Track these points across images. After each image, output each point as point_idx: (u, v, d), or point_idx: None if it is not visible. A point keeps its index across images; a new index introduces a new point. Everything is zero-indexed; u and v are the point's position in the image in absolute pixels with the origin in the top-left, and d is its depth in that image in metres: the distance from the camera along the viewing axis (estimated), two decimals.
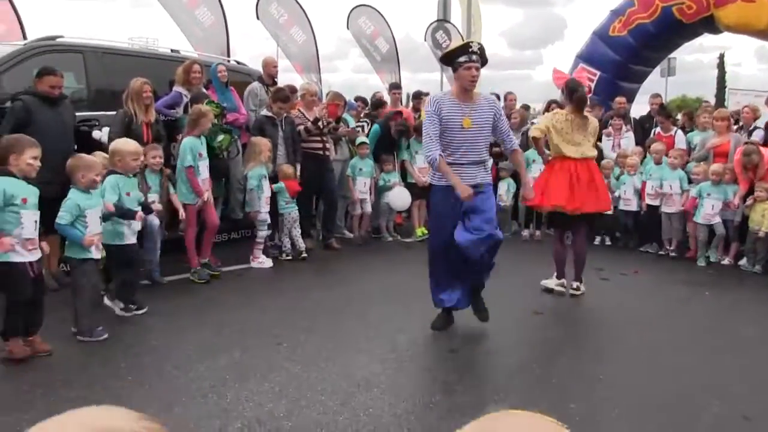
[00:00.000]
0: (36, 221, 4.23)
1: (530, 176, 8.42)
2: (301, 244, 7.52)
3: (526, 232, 9.16)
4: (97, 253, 4.63)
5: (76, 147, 6.33)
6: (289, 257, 7.40)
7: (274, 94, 7.60)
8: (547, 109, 9.86)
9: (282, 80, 8.89)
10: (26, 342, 4.31)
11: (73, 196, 4.56)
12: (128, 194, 5.12)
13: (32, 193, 4.22)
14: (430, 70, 45.50)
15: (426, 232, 8.73)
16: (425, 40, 17.07)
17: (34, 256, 4.25)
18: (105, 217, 4.86)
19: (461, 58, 4.65)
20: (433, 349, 4.76)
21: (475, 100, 4.77)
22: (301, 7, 13.61)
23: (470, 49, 4.66)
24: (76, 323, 4.58)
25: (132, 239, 5.26)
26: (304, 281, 6.60)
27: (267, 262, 7.08)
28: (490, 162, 4.95)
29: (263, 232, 7.10)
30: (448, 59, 4.80)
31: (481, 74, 4.76)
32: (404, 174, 8.96)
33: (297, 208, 7.50)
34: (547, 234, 8.43)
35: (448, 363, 4.50)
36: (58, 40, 6.96)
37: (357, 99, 9.70)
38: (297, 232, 7.51)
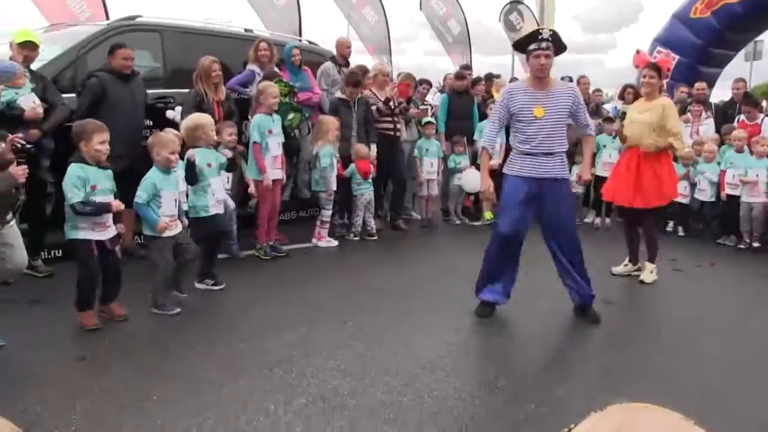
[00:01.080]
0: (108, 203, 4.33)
1: (600, 160, 8.33)
2: (372, 225, 7.52)
3: (597, 220, 8.91)
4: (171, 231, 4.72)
5: (152, 123, 6.52)
6: (357, 237, 7.41)
7: (346, 77, 7.60)
8: (622, 94, 9.54)
9: (354, 62, 8.88)
10: (103, 308, 4.47)
11: (152, 175, 4.65)
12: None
13: (103, 178, 4.31)
14: (502, 53, 44.72)
15: (493, 216, 8.68)
16: (499, 21, 16.77)
17: (104, 234, 4.35)
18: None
19: (531, 46, 4.55)
20: (500, 334, 4.69)
21: (550, 88, 4.63)
22: (457, 1, 13.59)
23: (540, 36, 4.54)
24: (153, 295, 4.69)
25: (216, 209, 5.30)
26: (371, 261, 6.61)
27: (332, 242, 7.12)
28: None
29: (327, 212, 7.11)
30: (520, 46, 4.71)
31: (553, 59, 4.64)
32: (475, 155, 8.84)
33: (372, 189, 7.48)
34: (619, 222, 8.19)
35: (515, 347, 4.42)
36: (137, 19, 7.14)
37: (422, 81, 9.60)
38: (370, 214, 7.51)
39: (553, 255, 4.85)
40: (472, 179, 8.40)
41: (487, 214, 8.73)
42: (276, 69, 7.21)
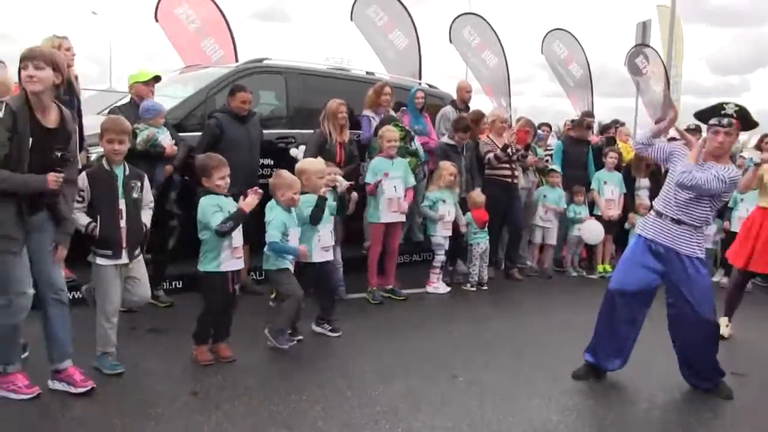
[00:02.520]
0: (239, 230, 4.47)
1: (736, 215, 7.80)
2: (485, 275, 7.35)
3: (724, 280, 8.28)
4: (291, 265, 4.79)
5: (273, 162, 6.69)
6: (474, 288, 7.24)
7: (455, 123, 7.55)
8: (759, 144, 8.92)
9: (472, 103, 8.84)
10: (212, 348, 4.54)
11: (279, 215, 4.72)
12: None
13: (232, 205, 4.46)
14: (623, 95, 43.62)
15: (609, 269, 8.34)
16: (624, 65, 16.27)
17: (239, 264, 4.51)
18: None
19: (712, 120, 4.17)
20: (619, 400, 4.38)
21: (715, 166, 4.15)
22: (494, 31, 13.54)
23: (723, 111, 4.13)
24: (272, 324, 4.75)
25: (321, 257, 5.22)
26: (483, 311, 6.42)
27: (442, 288, 6.99)
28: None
29: (439, 257, 7.01)
30: (701, 116, 4.29)
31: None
32: (591, 205, 8.52)
33: (488, 238, 7.33)
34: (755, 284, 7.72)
35: (638, 416, 4.11)
36: (264, 62, 7.43)
37: (541, 125, 9.39)
38: (485, 263, 7.35)
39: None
40: (593, 230, 8.09)
41: (601, 267, 8.41)
42: (392, 113, 7.24)
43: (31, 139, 3.43)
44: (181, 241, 6.03)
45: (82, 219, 4.00)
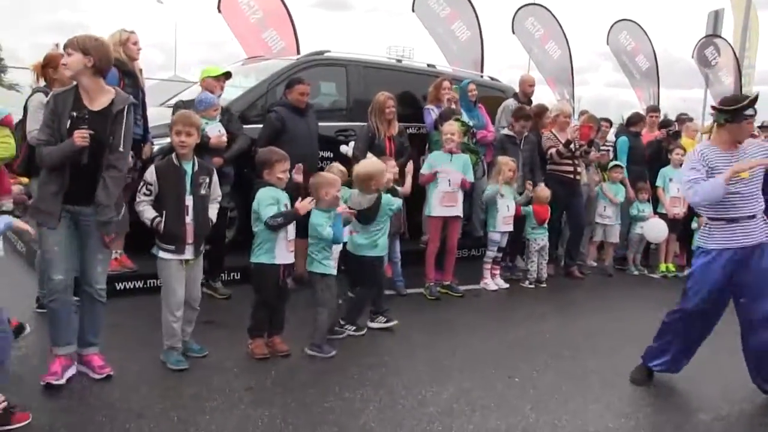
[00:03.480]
0: (294, 223, 4.46)
1: None
2: (544, 273, 7.22)
3: None
4: (334, 270, 4.72)
5: (332, 155, 6.69)
6: (532, 285, 7.12)
7: (515, 112, 7.42)
8: None
9: (534, 95, 8.67)
10: (268, 342, 4.56)
11: (315, 220, 4.58)
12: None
13: (290, 200, 4.47)
14: (689, 86, 42.03)
15: (672, 268, 8.16)
16: (692, 57, 15.71)
17: (291, 258, 4.52)
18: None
19: (749, 111, 4.09)
20: (679, 408, 4.22)
21: (740, 149, 4.17)
22: (558, 22, 13.24)
23: (755, 103, 4.14)
24: (313, 335, 4.68)
25: (374, 252, 5.22)
26: (541, 310, 6.29)
27: (491, 284, 6.89)
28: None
29: (491, 253, 6.91)
30: (736, 109, 4.13)
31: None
32: (655, 202, 8.27)
33: (547, 234, 7.20)
34: None
35: (700, 428, 3.95)
36: (325, 54, 7.44)
37: (602, 119, 9.13)
38: (544, 260, 7.21)
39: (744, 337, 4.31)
40: (656, 228, 7.84)
41: (663, 266, 8.20)
42: (453, 107, 7.14)
43: (69, 121, 3.60)
44: (240, 233, 6.12)
45: (149, 212, 4.07)
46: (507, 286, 6.95)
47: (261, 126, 6.33)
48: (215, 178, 4.37)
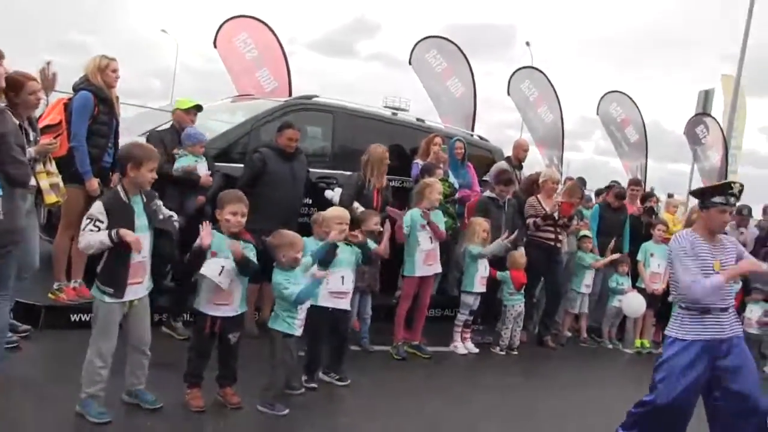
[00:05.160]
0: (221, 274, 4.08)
1: None
2: (517, 339, 7.03)
3: None
4: (299, 330, 4.47)
5: (311, 201, 6.56)
6: (503, 352, 6.91)
7: (497, 175, 7.38)
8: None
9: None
10: (219, 392, 4.32)
11: (275, 279, 4.37)
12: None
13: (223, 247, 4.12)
14: (678, 160, 42.50)
15: (647, 344, 8.04)
16: (684, 133, 15.89)
17: (219, 311, 4.15)
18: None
19: (717, 198, 4.02)
20: None
21: (718, 241, 4.12)
22: (553, 87, 13.33)
23: (730, 191, 4.03)
24: (263, 391, 4.41)
25: (344, 305, 5.11)
26: (511, 380, 6.11)
27: (461, 348, 6.66)
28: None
29: (462, 316, 6.71)
30: (702, 194, 4.18)
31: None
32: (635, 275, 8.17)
33: (524, 300, 7.04)
34: None
35: None
36: (313, 99, 7.38)
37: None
38: (518, 326, 7.02)
39: None
40: (634, 304, 7.71)
41: (638, 342, 8.05)
42: (438, 164, 7.06)
43: None
44: None
45: (100, 235, 3.69)
46: (477, 351, 6.73)
47: (241, 165, 6.22)
48: (158, 200, 4.11)
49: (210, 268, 4.05)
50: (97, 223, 3.71)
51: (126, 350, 3.96)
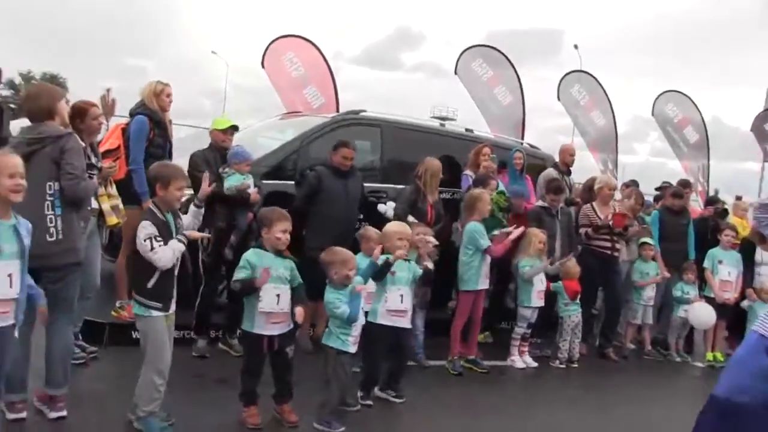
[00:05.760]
0: (278, 295, 4.10)
1: None
2: (576, 352, 6.84)
3: None
4: (354, 348, 4.42)
5: (362, 216, 6.52)
6: (563, 365, 6.72)
7: (546, 184, 7.25)
8: None
9: (577, 161, 8.49)
10: (276, 409, 4.29)
11: (327, 298, 4.34)
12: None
13: (280, 266, 4.13)
14: (743, 158, 40.71)
15: (721, 358, 7.62)
16: (751, 130, 15.23)
17: (274, 330, 4.13)
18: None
19: None
20: None
21: None
22: (603, 90, 13.03)
23: None
24: (318, 408, 4.36)
25: (404, 323, 4.99)
26: (570, 393, 5.93)
27: (519, 362, 6.51)
28: None
29: (520, 329, 6.56)
30: None
31: None
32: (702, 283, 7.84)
33: (580, 311, 6.84)
34: None
35: None
36: (361, 114, 7.38)
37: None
38: (577, 338, 6.83)
39: None
40: (702, 314, 7.38)
41: (709, 355, 7.64)
42: (491, 174, 6.94)
43: None
44: None
45: (175, 244, 3.85)
46: (536, 365, 6.56)
47: (291, 182, 6.28)
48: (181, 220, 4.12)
49: (268, 302, 4.08)
50: (158, 239, 3.79)
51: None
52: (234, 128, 5.85)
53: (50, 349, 3.86)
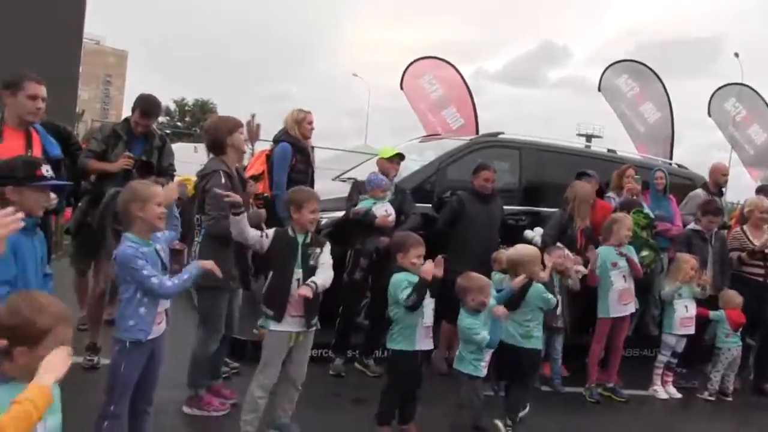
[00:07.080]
0: (433, 308, 4.24)
1: None
2: (730, 385, 6.43)
3: None
4: (485, 371, 4.42)
5: (500, 240, 6.52)
6: (712, 398, 6.33)
7: (703, 205, 6.82)
8: None
9: (732, 183, 8.00)
10: (402, 427, 4.35)
11: (464, 323, 4.35)
12: None
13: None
14: None
15: None
16: None
17: (430, 344, 4.29)
18: None
19: None
20: None
21: None
22: (765, 102, 12.15)
23: None
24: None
25: (536, 344, 4.95)
26: (720, 429, 5.59)
27: (662, 392, 6.20)
28: None
29: (664, 357, 6.27)
30: None
31: None
32: None
33: (740, 345, 6.44)
34: None
35: None
36: (499, 136, 7.40)
37: None
38: (733, 372, 6.44)
39: None
40: None
41: None
42: (635, 197, 6.73)
43: None
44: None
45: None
46: (680, 396, 6.23)
47: (429, 205, 6.38)
48: (327, 248, 4.23)
49: (428, 316, 4.22)
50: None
51: (277, 382, 4.10)
52: (400, 157, 5.96)
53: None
